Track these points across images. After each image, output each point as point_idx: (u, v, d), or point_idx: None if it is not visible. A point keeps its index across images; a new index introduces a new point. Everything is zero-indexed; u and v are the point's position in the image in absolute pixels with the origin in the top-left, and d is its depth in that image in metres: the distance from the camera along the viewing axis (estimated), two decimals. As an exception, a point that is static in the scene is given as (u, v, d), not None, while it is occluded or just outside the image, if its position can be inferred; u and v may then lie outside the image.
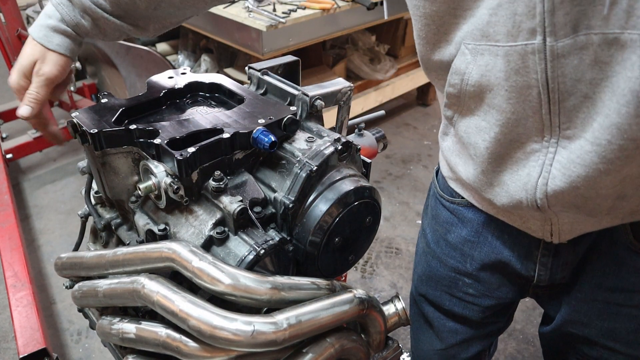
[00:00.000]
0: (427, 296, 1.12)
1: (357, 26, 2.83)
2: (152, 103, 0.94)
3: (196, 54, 3.29)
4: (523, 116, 0.68)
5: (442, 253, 1.03)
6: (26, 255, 2.14)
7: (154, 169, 0.78)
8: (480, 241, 0.95)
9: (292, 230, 0.81)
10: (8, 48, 2.88)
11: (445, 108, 0.82)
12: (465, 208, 0.95)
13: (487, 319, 1.07)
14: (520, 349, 2.08)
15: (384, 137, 1.27)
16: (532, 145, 0.71)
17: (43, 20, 0.81)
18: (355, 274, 2.44)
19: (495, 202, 0.81)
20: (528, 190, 0.73)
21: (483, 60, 0.68)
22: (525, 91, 0.66)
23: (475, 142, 0.77)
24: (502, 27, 0.64)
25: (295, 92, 0.92)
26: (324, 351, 0.76)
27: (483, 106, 0.73)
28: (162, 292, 0.70)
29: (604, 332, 0.90)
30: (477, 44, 0.68)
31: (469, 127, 0.78)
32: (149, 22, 0.90)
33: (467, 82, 0.72)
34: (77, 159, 3.27)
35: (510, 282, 0.98)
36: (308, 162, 0.80)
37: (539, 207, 0.73)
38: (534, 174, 0.72)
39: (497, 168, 0.77)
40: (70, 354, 2.07)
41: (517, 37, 0.63)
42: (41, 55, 0.80)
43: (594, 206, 0.71)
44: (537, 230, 0.84)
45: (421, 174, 3.19)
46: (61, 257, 0.98)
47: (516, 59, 0.64)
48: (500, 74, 0.67)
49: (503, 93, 0.68)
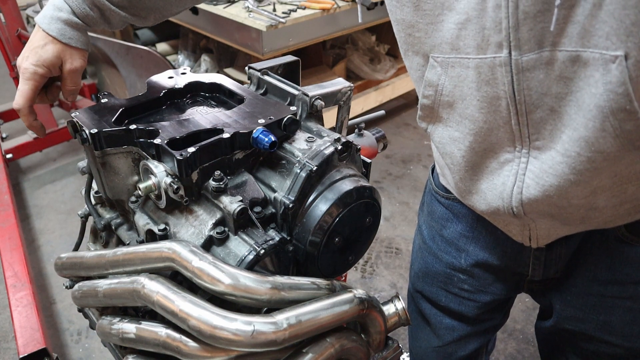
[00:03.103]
0: (423, 293, 1.13)
1: (357, 26, 2.84)
2: (152, 103, 0.94)
3: (196, 54, 3.29)
4: (495, 126, 0.70)
5: (437, 249, 1.04)
6: (26, 255, 2.14)
7: (154, 169, 0.78)
8: (475, 236, 0.96)
9: (292, 230, 0.81)
10: (8, 48, 2.88)
11: (419, 120, 0.84)
12: (460, 203, 0.96)
13: (483, 315, 1.07)
14: (520, 349, 2.08)
15: (384, 137, 1.27)
16: (505, 155, 0.73)
17: (53, 13, 0.82)
18: (355, 274, 2.44)
19: (475, 208, 0.83)
20: (504, 198, 0.75)
21: (454, 72, 0.70)
22: (495, 102, 0.68)
23: (451, 152, 0.79)
24: (471, 41, 0.66)
25: (295, 92, 0.92)
26: (324, 351, 0.76)
27: (455, 117, 0.75)
28: (162, 292, 0.70)
29: (599, 326, 0.90)
30: (447, 57, 0.70)
31: (442, 138, 0.80)
32: (150, 12, 0.92)
33: (441, 92, 0.74)
34: (77, 159, 3.27)
35: (504, 277, 0.98)
36: (308, 162, 0.80)
37: (515, 214, 0.75)
38: (509, 183, 0.74)
39: (474, 177, 0.79)
40: (70, 354, 2.07)
41: (486, 50, 0.65)
42: (65, 52, 0.83)
43: (567, 215, 0.73)
44: (517, 234, 0.86)
45: (421, 174, 3.19)
46: (61, 257, 0.98)
47: (486, 70, 0.66)
48: (472, 84, 0.69)
49: (475, 103, 0.70)
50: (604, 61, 0.57)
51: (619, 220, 0.77)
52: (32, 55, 0.82)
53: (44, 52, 0.82)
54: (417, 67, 0.77)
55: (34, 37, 0.83)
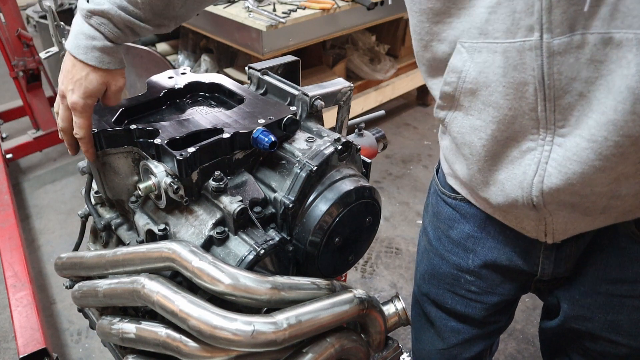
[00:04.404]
0: (429, 295, 1.13)
1: (357, 26, 2.83)
2: (152, 103, 0.94)
3: (196, 54, 3.29)
4: (519, 113, 0.70)
5: (444, 250, 1.03)
6: (26, 255, 2.14)
7: (154, 169, 0.78)
8: (483, 236, 0.95)
9: (292, 230, 0.81)
10: (8, 48, 2.88)
11: (437, 110, 0.83)
12: (467, 204, 0.96)
13: (489, 318, 1.07)
14: (520, 349, 2.08)
15: (384, 137, 1.27)
16: (527, 143, 0.72)
17: (87, 42, 0.82)
18: (355, 274, 2.44)
19: (491, 201, 0.82)
20: (524, 188, 0.74)
21: (481, 57, 0.70)
22: (522, 87, 0.68)
23: (471, 142, 0.78)
24: (501, 25, 0.66)
25: (295, 92, 0.92)
26: (324, 351, 0.76)
27: (478, 104, 0.74)
28: (162, 292, 0.70)
29: (607, 325, 0.90)
30: (475, 42, 0.70)
31: (462, 128, 0.79)
32: (172, 20, 0.93)
33: (464, 79, 0.73)
34: (77, 159, 3.27)
35: (512, 277, 0.98)
36: (308, 162, 0.80)
37: (534, 205, 0.75)
38: (530, 172, 0.73)
39: (492, 167, 0.78)
40: (70, 354, 2.07)
41: (515, 34, 0.65)
42: (107, 77, 0.85)
43: (589, 204, 0.73)
44: (531, 230, 0.85)
45: (421, 174, 3.18)
46: (61, 257, 0.98)
47: (514, 55, 0.66)
48: (498, 70, 0.68)
49: (501, 89, 0.69)
50: (637, 41, 0.57)
51: (639, 210, 0.76)
52: (77, 87, 0.83)
53: (88, 82, 0.83)
54: (441, 56, 0.77)
55: (73, 69, 0.84)
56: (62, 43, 2.32)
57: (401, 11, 3.00)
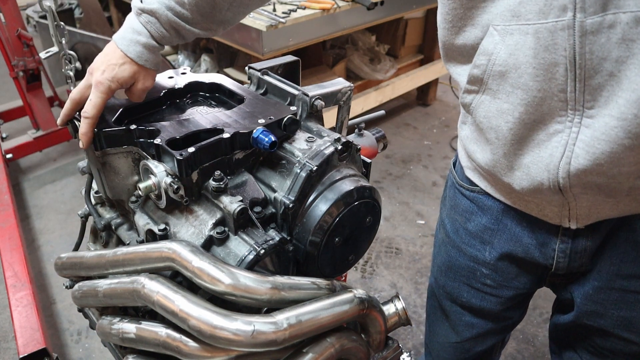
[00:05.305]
0: (445, 288, 1.14)
1: (357, 26, 2.83)
2: (152, 103, 0.94)
3: (196, 54, 3.29)
4: (549, 94, 0.71)
5: (461, 242, 1.04)
6: (26, 255, 2.14)
7: (154, 169, 0.78)
8: (500, 228, 0.96)
9: (292, 230, 0.81)
10: (8, 48, 2.88)
11: (464, 94, 0.84)
12: (485, 196, 0.96)
13: (504, 312, 1.08)
14: (520, 349, 2.08)
15: (384, 137, 1.27)
16: (555, 125, 0.73)
17: (133, 36, 0.87)
18: (355, 274, 2.44)
19: (514, 186, 0.82)
20: (550, 171, 0.75)
21: (512, 39, 0.71)
22: (552, 69, 0.68)
23: (498, 125, 0.79)
24: (534, 6, 0.67)
25: (295, 92, 0.92)
26: (324, 351, 0.76)
27: (506, 87, 0.75)
28: (162, 292, 0.70)
29: (619, 322, 0.90)
30: (507, 25, 0.71)
31: (489, 112, 0.79)
32: (220, 25, 0.96)
33: (494, 61, 0.74)
34: (77, 159, 3.27)
35: (527, 270, 0.98)
36: (308, 162, 0.80)
37: (560, 188, 0.75)
38: (557, 154, 0.74)
39: (518, 151, 0.79)
40: (70, 354, 2.07)
41: (548, 14, 0.66)
42: (140, 73, 0.88)
43: (615, 185, 0.73)
44: (554, 216, 0.85)
45: (421, 174, 3.19)
46: (61, 257, 0.98)
47: (546, 36, 0.67)
48: (529, 52, 0.69)
49: (530, 71, 0.70)
50: None
51: None
52: (109, 70, 0.86)
53: (120, 70, 0.86)
54: (473, 41, 0.78)
55: (112, 54, 0.88)
56: (62, 43, 2.32)
57: (401, 11, 3.00)
